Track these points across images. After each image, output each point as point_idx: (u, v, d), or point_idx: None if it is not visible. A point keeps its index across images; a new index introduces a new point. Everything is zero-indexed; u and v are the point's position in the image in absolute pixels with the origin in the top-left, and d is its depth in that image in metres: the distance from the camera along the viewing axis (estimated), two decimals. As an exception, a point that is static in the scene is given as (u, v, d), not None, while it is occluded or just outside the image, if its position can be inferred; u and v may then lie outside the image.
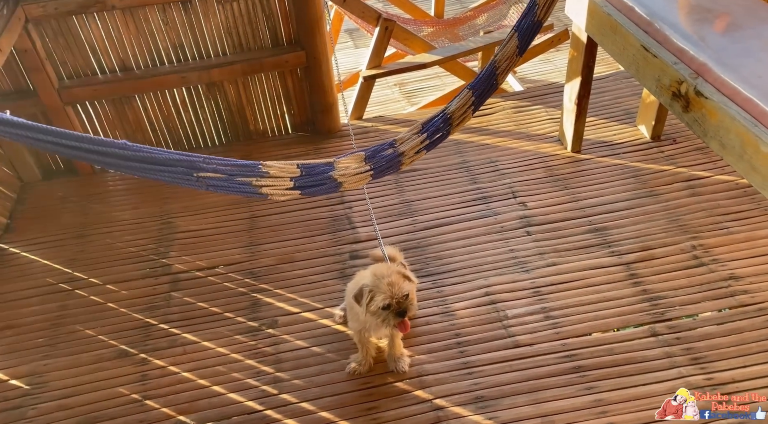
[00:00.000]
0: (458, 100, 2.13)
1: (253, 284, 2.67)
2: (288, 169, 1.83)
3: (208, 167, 1.75)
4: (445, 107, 2.12)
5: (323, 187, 1.88)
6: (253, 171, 1.80)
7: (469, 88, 2.17)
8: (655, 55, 2.26)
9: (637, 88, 3.53)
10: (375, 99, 4.29)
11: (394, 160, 1.99)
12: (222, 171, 1.77)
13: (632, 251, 2.62)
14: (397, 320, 1.98)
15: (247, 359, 2.37)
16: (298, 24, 3.17)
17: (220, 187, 1.78)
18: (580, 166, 3.10)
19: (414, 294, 2.03)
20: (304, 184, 1.85)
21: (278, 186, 1.82)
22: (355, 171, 1.91)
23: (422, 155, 2.08)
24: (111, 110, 3.29)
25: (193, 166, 1.73)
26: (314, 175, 1.86)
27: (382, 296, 1.95)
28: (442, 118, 2.09)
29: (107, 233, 3.01)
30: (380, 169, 1.96)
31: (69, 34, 3.02)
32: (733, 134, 1.93)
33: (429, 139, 2.06)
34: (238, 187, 1.79)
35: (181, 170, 1.73)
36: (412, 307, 2.00)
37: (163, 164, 1.71)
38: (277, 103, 3.45)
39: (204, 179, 1.75)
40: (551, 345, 2.29)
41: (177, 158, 1.72)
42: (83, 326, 2.56)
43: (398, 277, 1.97)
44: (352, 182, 1.91)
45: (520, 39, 2.25)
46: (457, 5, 5.82)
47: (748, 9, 2.33)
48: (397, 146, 2.01)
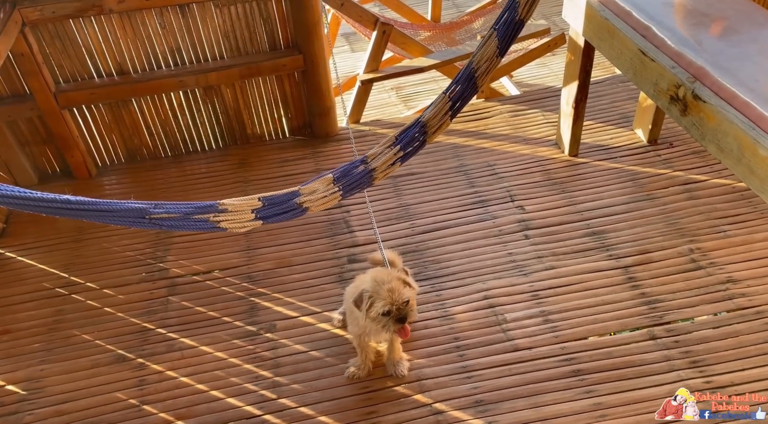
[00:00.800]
0: (433, 108, 2.03)
1: (250, 288, 2.66)
2: (248, 203, 1.79)
3: (159, 211, 1.73)
4: (420, 116, 2.03)
5: (288, 214, 1.84)
6: (210, 209, 1.77)
7: (445, 92, 2.06)
8: (652, 59, 2.27)
9: (633, 92, 3.55)
10: (372, 103, 4.29)
11: (365, 177, 1.93)
12: (175, 212, 1.75)
13: (630, 254, 2.63)
14: (397, 326, 1.98)
15: (246, 363, 2.36)
16: (296, 28, 3.18)
17: (175, 226, 1.76)
18: (578, 169, 3.11)
19: (414, 300, 2.03)
20: (266, 215, 1.81)
21: (237, 220, 1.78)
22: (323, 194, 1.86)
23: (397, 167, 2.00)
24: (108, 114, 3.28)
25: (144, 212, 1.72)
26: (277, 205, 1.82)
27: (382, 302, 1.94)
28: (417, 128, 2.01)
29: (104, 237, 2.99)
30: (350, 187, 1.90)
31: (66, 38, 3.01)
32: (731, 137, 1.94)
33: (403, 151, 1.98)
34: (194, 224, 1.76)
35: (132, 215, 1.73)
36: (412, 313, 2.00)
37: (111, 212, 1.72)
38: (275, 106, 3.45)
39: (157, 221, 1.73)
40: (550, 349, 2.29)
41: (126, 207, 1.72)
42: (80, 331, 2.54)
43: (398, 283, 1.96)
44: (320, 205, 1.86)
45: (500, 39, 2.09)
46: (453, 9, 5.83)
47: (744, 13, 2.35)
48: (369, 162, 1.94)
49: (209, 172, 3.35)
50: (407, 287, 1.99)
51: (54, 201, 1.66)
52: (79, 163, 3.30)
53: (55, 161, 3.36)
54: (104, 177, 3.38)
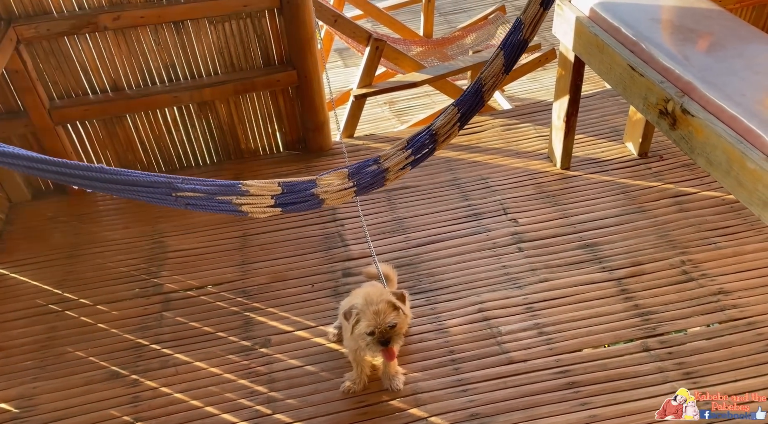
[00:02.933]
0: (444, 117, 2.14)
1: (245, 303, 2.66)
2: (269, 187, 1.84)
3: (187, 187, 1.76)
4: (430, 124, 2.12)
5: (305, 203, 1.88)
6: (233, 190, 1.80)
7: (454, 104, 2.17)
8: (641, 74, 2.31)
9: (623, 106, 3.60)
10: (366, 117, 4.32)
11: (378, 177, 1.99)
12: (201, 190, 1.77)
13: (623, 266, 2.65)
14: (380, 347, 1.99)
15: (241, 378, 2.35)
16: (290, 44, 3.21)
17: (200, 205, 1.79)
18: (570, 182, 3.14)
19: (404, 325, 2.03)
20: (285, 202, 1.85)
21: (258, 204, 1.82)
22: (338, 188, 1.91)
23: (407, 171, 2.08)
24: (102, 130, 3.29)
25: (172, 186, 1.75)
26: (296, 193, 1.86)
27: (366, 323, 1.96)
28: (427, 135, 2.09)
29: (98, 253, 2.98)
30: (364, 185, 1.96)
31: (60, 55, 3.02)
32: (719, 151, 1.97)
33: (414, 156, 2.06)
34: (218, 205, 1.80)
35: (160, 191, 1.75)
36: (397, 338, 2.00)
37: (141, 185, 1.73)
38: (269, 121, 3.47)
39: (182, 198, 1.76)
40: (545, 361, 2.30)
41: (155, 180, 1.74)
42: (73, 348, 2.53)
43: (386, 306, 1.97)
44: (335, 199, 1.91)
45: (506, 57, 2.26)
46: (445, 25, 5.90)
47: (730, 29, 2.40)
48: (382, 162, 2.01)
49: (203, 188, 3.35)
50: (396, 312, 1.98)
51: (89, 170, 1.69)
52: (72, 179, 3.30)
53: (49, 177, 3.35)
54: (97, 193, 3.38)
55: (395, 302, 2.01)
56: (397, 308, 2.00)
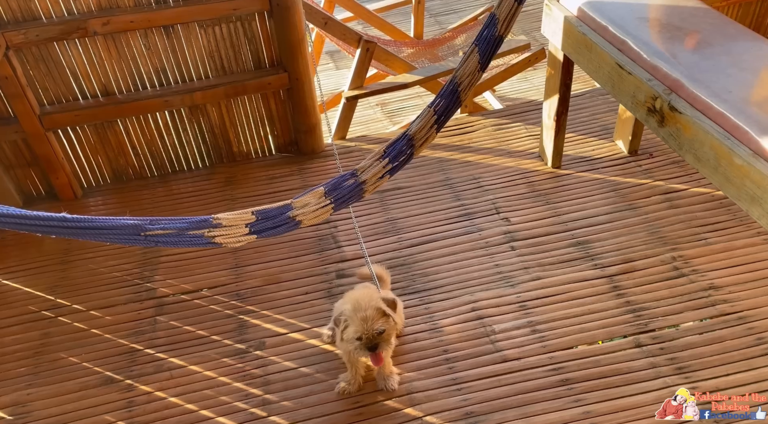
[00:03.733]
0: (420, 121, 2.09)
1: (239, 306, 2.66)
2: (242, 217, 1.82)
3: (155, 227, 1.74)
4: (407, 129, 2.09)
5: (282, 227, 1.87)
6: (205, 224, 1.79)
7: (430, 106, 2.12)
8: (629, 73, 2.33)
9: (613, 105, 3.62)
10: (357, 119, 4.33)
11: (355, 190, 1.96)
12: (171, 228, 1.76)
13: (614, 263, 2.67)
14: (367, 353, 2.01)
15: (235, 381, 2.35)
16: (281, 46, 3.21)
17: (171, 242, 1.77)
18: (561, 181, 3.16)
19: (392, 332, 2.04)
20: (260, 229, 1.84)
21: (232, 234, 1.81)
22: (315, 207, 1.89)
23: (386, 180, 2.05)
24: (93, 135, 3.28)
25: (140, 228, 1.73)
26: (271, 219, 1.85)
27: (353, 329, 1.98)
28: (404, 141, 2.06)
29: (90, 259, 2.98)
30: (341, 200, 1.94)
31: (50, 61, 3.02)
32: (707, 147, 1.99)
33: (392, 164, 2.03)
34: (190, 240, 1.78)
35: (127, 232, 1.73)
36: (384, 344, 2.02)
37: (106, 229, 1.72)
38: (261, 124, 3.47)
39: (152, 237, 1.75)
40: (538, 359, 2.31)
41: (122, 224, 1.72)
42: (67, 354, 2.52)
43: (375, 312, 1.98)
44: (312, 218, 1.90)
45: (481, 54, 2.19)
46: (436, 26, 5.92)
47: (717, 26, 2.42)
48: (359, 175, 1.98)
49: (196, 191, 3.36)
50: (384, 318, 1.99)
51: (50, 219, 1.66)
52: (64, 184, 3.30)
53: (40, 183, 3.35)
54: (90, 198, 3.37)
55: (384, 308, 2.01)
56: (386, 314, 2.00)
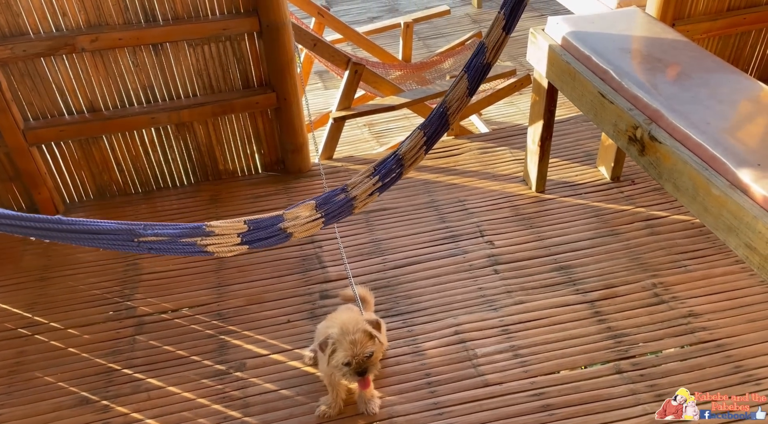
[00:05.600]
0: (409, 141, 2.15)
1: (221, 326, 2.64)
2: (234, 226, 1.83)
3: (149, 233, 1.75)
4: (397, 149, 2.14)
5: (273, 239, 1.88)
6: (197, 232, 1.79)
7: (420, 128, 2.18)
8: (611, 102, 2.37)
9: (596, 131, 3.68)
10: (345, 139, 4.34)
11: (345, 205, 1.99)
12: (164, 235, 1.76)
13: (596, 288, 2.69)
14: (357, 377, 2.00)
15: (214, 403, 2.32)
16: (269, 66, 3.23)
17: (163, 249, 1.78)
18: (545, 205, 3.19)
19: (379, 354, 2.04)
20: (252, 239, 1.84)
21: (224, 243, 1.81)
22: (306, 220, 1.90)
23: (375, 198, 2.08)
24: (77, 151, 3.26)
25: (134, 232, 1.74)
26: (262, 229, 1.85)
27: (343, 353, 1.96)
28: (394, 160, 2.10)
29: (70, 276, 2.94)
30: (331, 215, 1.96)
31: (36, 76, 3.00)
32: (685, 177, 2.03)
33: (381, 181, 2.06)
34: (182, 248, 1.79)
35: (121, 238, 1.73)
36: (373, 367, 2.02)
37: (101, 233, 1.72)
38: (247, 143, 3.48)
39: (145, 243, 1.75)
40: (520, 384, 2.31)
41: (116, 227, 1.73)
42: (42, 373, 2.47)
43: (363, 336, 1.97)
44: (303, 231, 1.91)
45: (470, 80, 2.27)
46: (424, 49, 5.99)
47: (696, 59, 2.48)
48: (349, 191, 2.01)
49: (180, 209, 3.34)
50: (372, 341, 1.99)
51: (46, 221, 1.66)
52: (46, 200, 3.26)
53: (22, 198, 3.31)
54: (72, 214, 3.33)
55: (371, 330, 2.01)
56: (373, 336, 2.00)
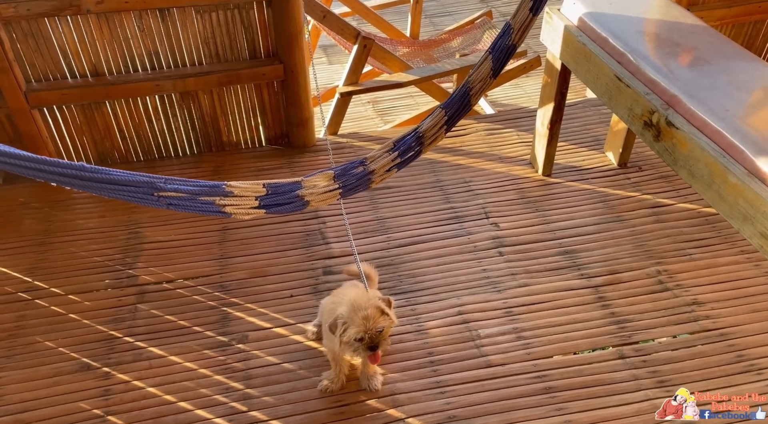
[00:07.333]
0: (431, 119, 2.14)
1: (223, 298, 2.62)
2: (253, 188, 1.82)
3: (169, 187, 1.73)
4: (417, 126, 2.13)
5: (290, 205, 1.87)
6: (217, 191, 1.78)
7: (441, 107, 2.18)
8: (627, 85, 2.34)
9: (605, 116, 3.65)
10: (348, 115, 4.28)
11: (363, 179, 1.98)
12: (184, 191, 1.74)
13: (600, 274, 2.68)
14: (368, 353, 1.99)
15: (216, 374, 2.31)
16: (277, 37, 3.17)
17: (182, 206, 1.77)
18: (551, 189, 3.17)
19: (390, 330, 2.04)
20: (269, 203, 1.83)
21: (242, 205, 1.81)
22: (324, 189, 1.90)
23: (393, 173, 2.08)
24: (79, 115, 3.20)
25: (154, 186, 1.72)
26: (280, 194, 1.85)
27: (355, 329, 1.95)
28: (414, 137, 2.09)
29: (71, 242, 2.90)
30: (349, 187, 1.95)
31: (40, 36, 2.93)
32: (702, 164, 2.01)
33: (400, 158, 2.06)
34: (201, 206, 1.78)
35: (141, 190, 1.72)
36: (384, 342, 2.01)
37: (122, 184, 1.71)
38: (252, 115, 3.42)
39: (165, 198, 1.74)
40: (522, 365, 2.32)
41: (137, 179, 1.71)
42: (42, 338, 2.45)
43: (375, 311, 1.97)
44: (320, 200, 1.90)
45: (494, 61, 2.26)
46: (430, 27, 5.92)
47: (714, 45, 2.45)
48: (368, 164, 2.00)
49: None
50: (384, 317, 1.99)
51: (68, 167, 1.67)
52: (47, 164, 3.21)
53: (22, 161, 3.25)
54: (73, 180, 3.29)
55: (383, 306, 2.01)
56: (384, 312, 2.00)
